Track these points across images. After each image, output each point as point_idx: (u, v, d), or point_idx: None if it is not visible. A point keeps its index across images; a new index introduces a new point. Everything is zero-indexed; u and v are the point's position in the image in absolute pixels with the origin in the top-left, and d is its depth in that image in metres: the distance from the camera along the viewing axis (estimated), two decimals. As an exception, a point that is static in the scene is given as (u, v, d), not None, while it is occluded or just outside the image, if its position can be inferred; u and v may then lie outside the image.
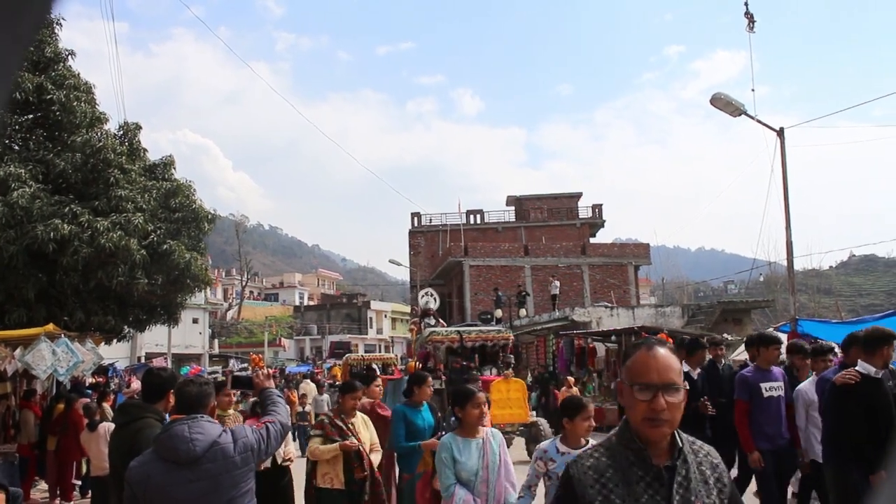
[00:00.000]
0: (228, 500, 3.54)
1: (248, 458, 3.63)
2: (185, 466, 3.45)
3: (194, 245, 17.63)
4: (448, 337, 15.74)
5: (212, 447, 3.51)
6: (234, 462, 3.55)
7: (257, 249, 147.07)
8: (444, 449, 4.94)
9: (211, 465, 3.49)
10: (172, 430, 3.54)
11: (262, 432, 3.76)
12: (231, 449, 3.56)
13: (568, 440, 4.85)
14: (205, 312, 55.65)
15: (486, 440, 4.98)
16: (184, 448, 3.45)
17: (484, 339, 15.97)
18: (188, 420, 3.58)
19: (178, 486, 3.43)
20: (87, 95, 17.22)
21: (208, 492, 3.47)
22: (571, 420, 4.84)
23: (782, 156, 16.18)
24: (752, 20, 18.40)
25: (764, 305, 35.00)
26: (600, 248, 47.41)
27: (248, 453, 3.64)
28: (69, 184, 16.08)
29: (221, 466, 3.51)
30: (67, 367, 12.35)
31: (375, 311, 78.11)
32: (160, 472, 3.46)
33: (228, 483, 3.53)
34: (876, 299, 79.13)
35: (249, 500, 3.70)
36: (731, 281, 76.40)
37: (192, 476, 3.45)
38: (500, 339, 16.21)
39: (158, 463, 3.49)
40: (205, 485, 3.46)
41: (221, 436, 3.58)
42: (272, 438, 3.80)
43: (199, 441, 3.48)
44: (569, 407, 4.93)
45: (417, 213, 54.14)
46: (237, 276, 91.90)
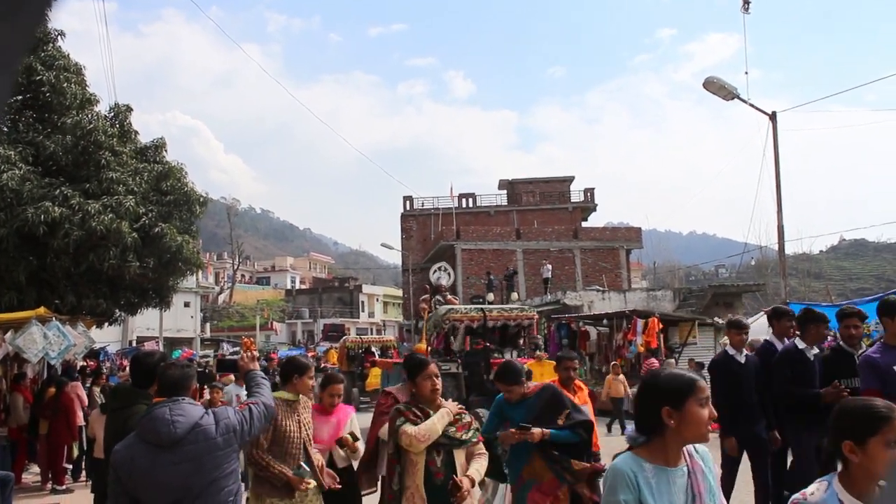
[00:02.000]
0: (212, 481, 3.56)
1: (230, 440, 3.65)
2: (167, 448, 3.47)
3: (186, 228, 17.57)
4: (468, 315, 14.53)
5: (193, 429, 3.52)
6: (216, 443, 3.57)
7: (249, 233, 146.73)
8: (621, 482, 2.52)
9: (193, 446, 3.51)
10: (154, 412, 3.56)
11: (244, 413, 3.78)
12: (213, 430, 3.58)
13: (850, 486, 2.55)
14: (196, 296, 55.50)
15: (693, 469, 2.64)
16: (165, 430, 3.47)
17: (506, 319, 14.75)
18: (170, 402, 3.59)
19: (161, 467, 3.45)
20: (78, 77, 17.08)
21: (191, 473, 3.49)
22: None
23: (774, 140, 16.21)
24: (747, 1, 18.34)
25: (755, 289, 35.14)
26: (592, 232, 47.53)
27: (231, 434, 3.66)
28: (59, 166, 15.98)
29: (203, 448, 3.53)
30: (59, 350, 12.31)
31: (367, 295, 78.13)
32: (143, 454, 3.48)
33: (211, 464, 3.56)
34: (865, 283, 79.56)
35: (234, 481, 3.72)
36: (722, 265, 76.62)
37: (174, 458, 3.47)
38: (523, 319, 15.01)
39: (141, 445, 3.52)
40: (187, 466, 3.48)
41: (203, 417, 3.60)
42: (255, 420, 3.83)
43: (180, 423, 3.50)
44: None
45: (409, 197, 54.12)
46: (229, 259, 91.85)
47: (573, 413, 5.31)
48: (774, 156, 16.20)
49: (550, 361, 13.70)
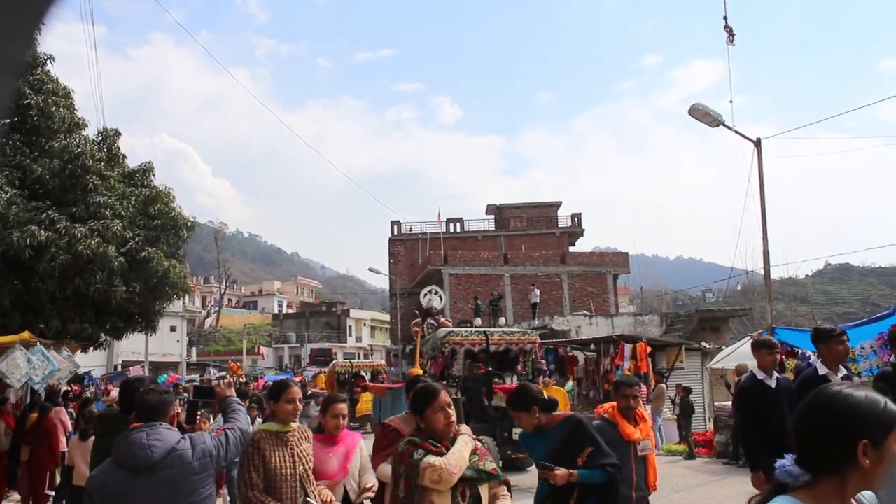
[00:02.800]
0: None
1: (206, 465, 3.69)
2: (143, 473, 3.49)
3: (173, 252, 17.53)
4: (469, 339, 13.94)
5: (170, 454, 3.55)
6: (192, 468, 3.61)
7: (236, 257, 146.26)
8: None
9: (169, 471, 3.53)
10: (131, 437, 3.59)
11: (220, 439, 3.84)
12: (189, 455, 3.62)
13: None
14: (183, 320, 55.20)
15: None
16: (142, 455, 3.49)
17: (508, 343, 14.17)
18: (147, 427, 3.63)
19: (137, 492, 3.47)
20: (66, 101, 17.10)
21: (167, 498, 3.51)
22: None
23: (759, 165, 16.36)
24: (732, 33, 18.57)
25: (741, 314, 35.30)
26: (579, 257, 47.66)
27: (207, 459, 3.70)
28: (46, 189, 15.93)
29: (180, 472, 3.56)
30: (43, 375, 12.23)
31: (355, 320, 77.92)
32: (119, 479, 3.50)
33: (187, 489, 3.58)
34: (851, 307, 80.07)
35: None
36: (709, 290, 76.91)
37: (150, 483, 3.49)
38: (525, 343, 14.48)
39: (117, 471, 3.53)
40: (164, 491, 3.51)
41: (180, 442, 3.63)
42: (231, 445, 3.90)
43: (156, 448, 3.53)
44: None
45: (397, 222, 54.16)
46: (216, 283, 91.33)
47: (597, 452, 4.62)
48: (759, 181, 16.35)
49: (558, 388, 13.53)
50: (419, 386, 4.19)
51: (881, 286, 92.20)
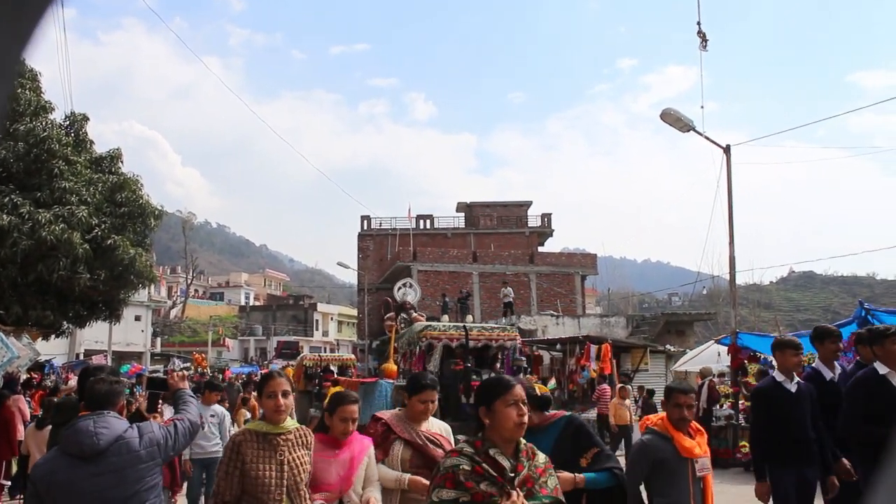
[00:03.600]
0: (133, 494, 3.61)
1: (153, 453, 3.73)
2: (89, 460, 3.51)
3: (139, 241, 17.32)
4: (447, 333, 13.40)
5: (116, 441, 3.58)
6: (138, 456, 3.64)
7: (204, 247, 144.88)
8: None
9: (115, 458, 3.56)
10: (77, 424, 3.61)
11: (169, 429, 3.89)
12: (136, 444, 3.65)
13: None
14: (148, 310, 54.56)
15: None
16: (88, 442, 3.52)
17: (488, 339, 13.60)
18: (94, 415, 3.65)
19: (83, 480, 3.49)
20: (32, 83, 16.81)
21: (113, 485, 3.54)
22: None
23: (728, 172, 16.54)
24: (705, 39, 18.77)
25: (706, 318, 35.75)
26: (548, 258, 47.90)
27: (154, 448, 3.73)
28: (10, 173, 15.66)
29: (126, 460, 3.59)
30: (1, 362, 12.01)
31: (322, 314, 77.54)
32: (64, 467, 3.53)
33: (133, 477, 3.61)
34: (813, 314, 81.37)
35: (155, 495, 3.77)
36: (675, 293, 77.82)
37: (95, 469, 3.51)
38: (505, 339, 13.89)
39: (63, 458, 3.56)
40: (109, 478, 3.53)
41: (127, 431, 3.66)
42: (180, 435, 3.95)
43: (103, 435, 3.55)
44: None
45: (367, 217, 54.01)
46: (182, 273, 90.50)
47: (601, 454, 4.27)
48: (728, 188, 16.53)
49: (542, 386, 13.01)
50: (491, 376, 3.60)
51: (842, 294, 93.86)
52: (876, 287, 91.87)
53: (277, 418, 3.88)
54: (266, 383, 3.95)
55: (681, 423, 4.70)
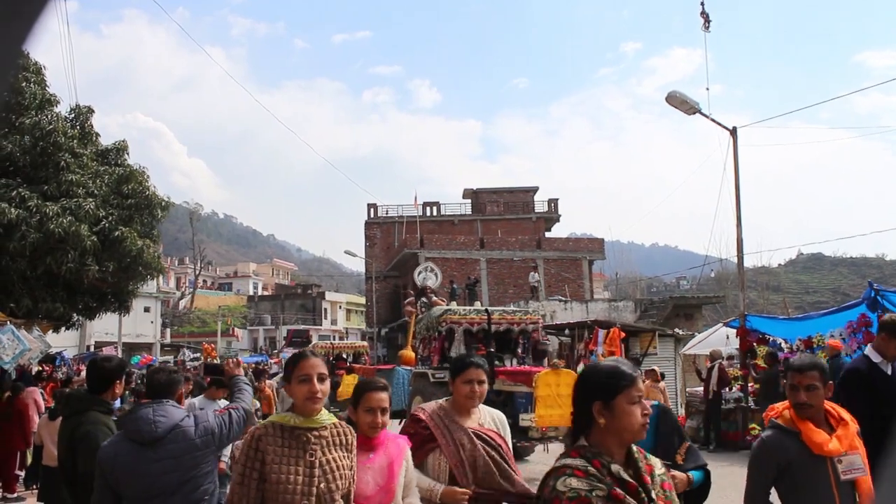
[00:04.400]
0: (189, 479, 3.78)
1: (208, 441, 3.88)
2: (148, 446, 3.71)
3: (147, 232, 17.34)
4: (468, 317, 13.05)
5: (174, 429, 3.78)
6: (194, 444, 3.81)
7: (211, 238, 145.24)
8: None
9: (172, 445, 3.75)
10: (138, 412, 3.85)
11: (224, 418, 4.03)
12: (192, 432, 3.82)
13: None
14: (157, 301, 54.80)
15: None
16: (147, 429, 3.73)
17: (509, 322, 13.25)
18: (154, 403, 3.87)
19: (142, 464, 3.68)
20: (37, 77, 16.80)
21: (169, 470, 3.72)
22: None
23: (735, 154, 16.49)
24: (708, 20, 18.70)
25: (714, 301, 35.65)
26: (555, 243, 47.85)
27: (209, 437, 3.89)
28: (17, 167, 15.68)
29: (182, 447, 3.77)
30: (13, 355, 12.09)
31: (330, 302, 77.66)
32: (126, 451, 3.73)
33: (189, 463, 3.78)
34: (822, 296, 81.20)
35: (209, 481, 3.94)
36: (683, 277, 77.58)
37: (154, 455, 3.71)
38: (527, 322, 13.52)
39: (126, 443, 3.77)
40: (167, 464, 3.72)
41: (184, 419, 3.85)
42: (234, 424, 4.07)
43: (161, 423, 3.76)
44: None
45: (374, 205, 54.01)
46: (190, 264, 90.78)
47: (692, 449, 3.86)
48: (734, 170, 16.48)
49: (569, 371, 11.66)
50: (605, 362, 2.79)
51: (851, 276, 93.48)
52: (885, 268, 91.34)
53: (311, 408, 3.12)
54: (297, 364, 3.15)
55: (803, 410, 3.58)
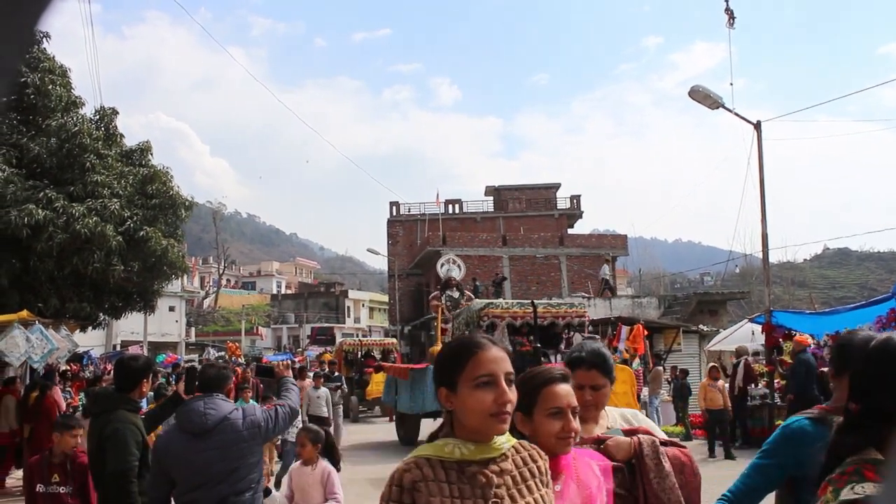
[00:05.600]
0: (236, 469, 4.03)
1: (255, 434, 4.13)
2: (199, 437, 3.98)
3: (171, 232, 17.48)
4: (511, 311, 12.53)
5: (223, 421, 4.03)
6: (241, 435, 4.06)
7: (235, 237, 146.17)
8: None
9: (221, 436, 4.01)
10: (190, 405, 4.13)
11: (270, 413, 4.29)
12: (240, 424, 4.07)
13: None
14: (181, 300, 55.26)
15: None
16: (198, 421, 4.00)
17: (554, 316, 12.73)
18: (205, 397, 4.14)
19: (193, 453, 3.95)
20: (63, 79, 16.97)
21: (218, 460, 3.98)
22: None
23: (759, 149, 16.31)
24: (733, 16, 18.51)
25: (739, 297, 35.37)
26: (578, 239, 47.62)
27: (256, 429, 4.13)
28: (44, 168, 15.86)
29: (230, 439, 4.02)
30: (42, 354, 12.23)
31: (353, 301, 77.94)
32: (179, 441, 4.02)
33: (236, 454, 4.04)
34: (849, 292, 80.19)
35: (255, 471, 4.19)
36: (707, 273, 77.02)
37: (204, 445, 3.97)
38: (573, 316, 13.03)
39: (178, 433, 4.07)
40: (215, 454, 3.97)
41: (233, 412, 4.11)
42: (280, 419, 4.32)
43: (211, 415, 4.02)
44: None
45: (396, 203, 54.04)
46: (214, 264, 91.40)
47: None
48: (759, 165, 16.31)
49: (623, 366, 10.96)
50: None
51: (879, 271, 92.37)
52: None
53: (496, 429, 1.92)
54: (469, 360, 1.95)
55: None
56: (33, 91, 16.03)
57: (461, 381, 1.92)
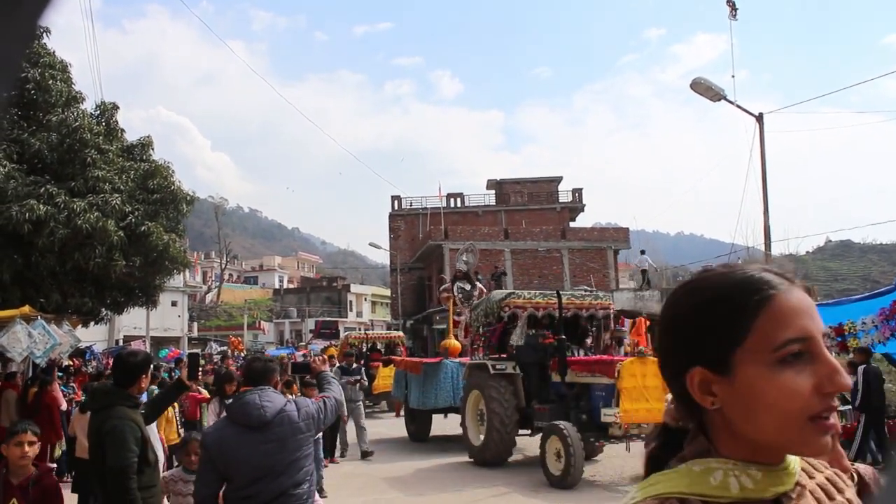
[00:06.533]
0: (294, 461, 4.02)
1: (310, 425, 4.15)
2: (256, 430, 3.94)
3: (173, 227, 17.48)
4: (533, 301, 12.18)
5: (279, 413, 4.01)
6: (298, 427, 4.06)
7: (237, 232, 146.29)
8: None
9: (279, 429, 3.98)
10: (245, 398, 4.09)
11: (320, 405, 4.32)
12: (296, 416, 4.07)
13: None
14: (184, 295, 55.28)
15: None
16: (256, 413, 3.95)
17: (577, 308, 12.37)
18: (258, 390, 4.09)
19: (250, 447, 3.91)
20: (63, 74, 16.97)
21: (276, 452, 3.95)
22: None
23: (761, 141, 16.26)
24: (735, 8, 18.43)
25: (741, 290, 35.22)
26: (580, 233, 47.57)
27: (310, 420, 4.16)
28: (45, 164, 15.87)
29: (288, 431, 4.01)
30: (44, 349, 12.24)
31: (355, 295, 77.94)
32: (233, 435, 3.96)
33: (294, 446, 4.03)
34: (851, 284, 80.00)
35: (310, 462, 4.21)
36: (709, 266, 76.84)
37: (262, 438, 3.93)
38: (597, 308, 12.65)
39: (231, 427, 4.02)
40: (273, 446, 3.95)
41: (287, 405, 4.11)
42: (328, 410, 4.37)
43: (268, 408, 3.99)
44: None
45: (398, 197, 54.01)
46: (216, 258, 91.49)
47: None
48: (761, 157, 16.26)
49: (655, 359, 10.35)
50: None
51: (882, 263, 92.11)
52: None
53: (815, 444, 1.04)
54: (761, 309, 1.05)
55: None
56: (34, 86, 16.03)
57: (744, 352, 1.06)
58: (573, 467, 9.75)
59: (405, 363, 16.39)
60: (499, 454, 11.96)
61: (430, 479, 11.49)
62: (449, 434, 15.43)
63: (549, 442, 10.34)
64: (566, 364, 11.18)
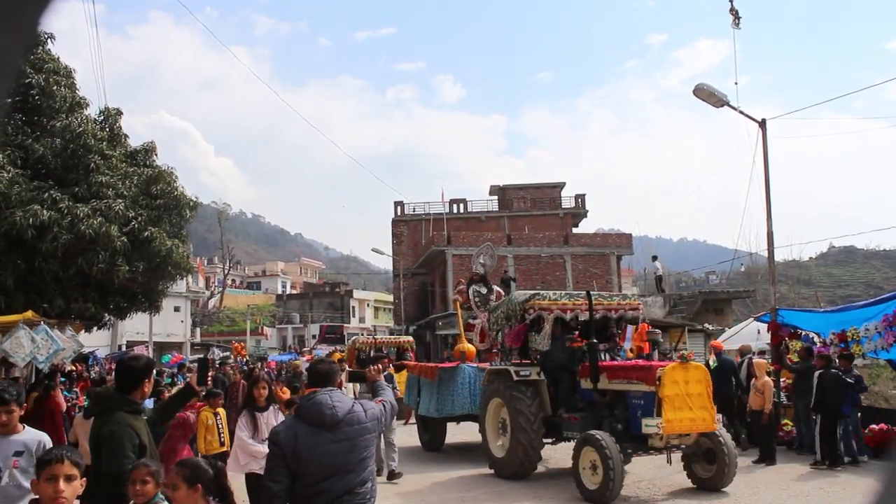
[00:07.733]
0: (362, 459, 4.19)
1: (375, 426, 4.35)
2: (327, 429, 4.08)
3: (176, 232, 17.50)
4: (560, 303, 11.55)
5: (349, 413, 4.17)
6: (366, 427, 4.23)
7: (240, 238, 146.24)
8: None
9: (349, 428, 4.14)
10: (317, 398, 4.20)
11: (381, 407, 4.53)
12: (363, 416, 4.24)
13: None
14: (186, 300, 55.29)
15: None
16: (329, 413, 4.10)
17: (606, 309, 11.75)
18: (327, 391, 4.24)
19: (322, 445, 4.04)
20: (67, 80, 17.00)
21: (347, 451, 4.11)
22: None
23: (764, 147, 16.25)
24: (738, 16, 18.42)
25: (745, 296, 35.29)
26: (583, 238, 47.53)
27: (376, 421, 4.35)
28: (48, 169, 15.89)
29: (357, 430, 4.17)
30: (47, 354, 12.25)
31: (358, 300, 77.97)
32: (305, 433, 4.07)
33: (362, 445, 4.20)
34: (854, 290, 79.88)
35: (373, 462, 4.39)
36: (712, 271, 76.70)
37: (333, 437, 4.08)
38: (626, 309, 12.06)
39: (303, 426, 4.12)
40: (345, 445, 4.11)
41: (354, 405, 4.25)
42: (388, 413, 4.61)
43: (339, 408, 4.14)
44: None
45: (401, 202, 54.01)
46: (219, 264, 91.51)
47: None
48: (764, 162, 16.24)
49: (698, 364, 10.33)
50: None
51: (885, 269, 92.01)
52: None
53: None
54: None
55: None
56: (38, 92, 16.06)
57: None
58: (612, 481, 9.17)
59: (419, 368, 15.65)
60: (523, 467, 11.28)
61: (448, 492, 10.88)
62: (464, 441, 15.02)
63: (582, 453, 9.74)
64: (598, 369, 10.63)
